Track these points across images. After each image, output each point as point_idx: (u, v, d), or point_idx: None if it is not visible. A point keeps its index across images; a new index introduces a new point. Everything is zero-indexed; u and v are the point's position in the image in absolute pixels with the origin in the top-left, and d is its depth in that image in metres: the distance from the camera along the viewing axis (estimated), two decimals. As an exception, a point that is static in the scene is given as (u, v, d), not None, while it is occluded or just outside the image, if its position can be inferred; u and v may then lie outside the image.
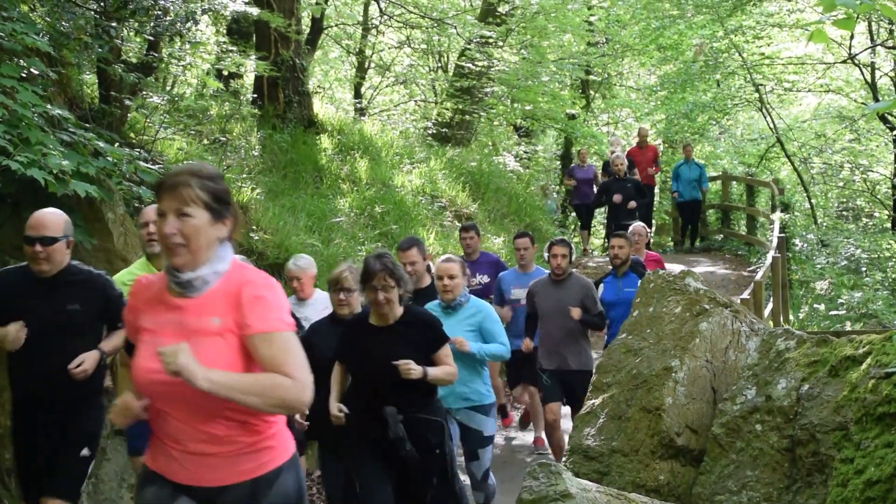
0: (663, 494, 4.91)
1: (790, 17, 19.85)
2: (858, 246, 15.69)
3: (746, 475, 4.66)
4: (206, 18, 11.93)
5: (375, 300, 4.77)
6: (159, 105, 10.08)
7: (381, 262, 4.76)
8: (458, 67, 18.54)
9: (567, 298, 7.25)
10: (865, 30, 18.91)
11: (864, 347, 4.52)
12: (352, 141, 14.12)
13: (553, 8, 18.26)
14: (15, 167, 5.42)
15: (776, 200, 15.45)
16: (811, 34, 3.70)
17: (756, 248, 15.91)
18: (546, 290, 7.35)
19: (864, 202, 22.07)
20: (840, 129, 21.64)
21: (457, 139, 18.34)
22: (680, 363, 5.28)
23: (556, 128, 21.50)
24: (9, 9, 6.28)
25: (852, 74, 21.28)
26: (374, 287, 4.75)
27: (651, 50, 21.72)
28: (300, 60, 13.76)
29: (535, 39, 18.93)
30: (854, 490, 3.86)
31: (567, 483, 3.77)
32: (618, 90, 25.14)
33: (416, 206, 12.67)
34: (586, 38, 20.53)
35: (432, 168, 14.64)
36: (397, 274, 4.80)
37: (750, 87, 19.80)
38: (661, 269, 7.16)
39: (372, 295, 4.77)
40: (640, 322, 5.79)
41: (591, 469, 5.18)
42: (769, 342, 5.11)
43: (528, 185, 17.91)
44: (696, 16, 19.90)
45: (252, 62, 12.61)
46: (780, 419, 4.68)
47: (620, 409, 5.35)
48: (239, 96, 14.09)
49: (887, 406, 3.92)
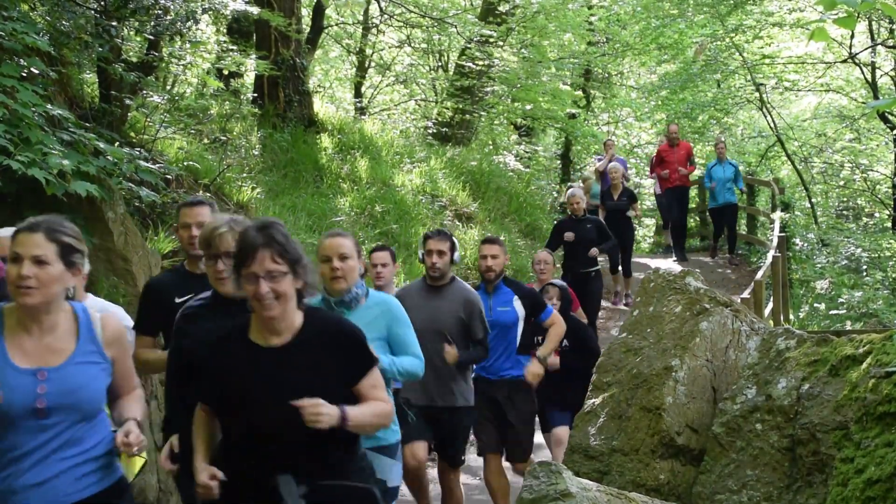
0: (663, 494, 4.91)
1: (790, 16, 19.84)
2: (859, 245, 15.68)
3: (747, 474, 4.66)
4: (206, 18, 11.93)
5: (256, 295, 3.01)
6: (160, 104, 10.08)
7: (266, 235, 3.05)
8: (459, 67, 18.54)
9: (442, 313, 5.58)
10: (866, 29, 18.90)
11: (864, 347, 4.52)
12: (352, 140, 14.13)
13: (553, 7, 18.26)
14: (15, 167, 5.42)
15: (776, 200, 15.44)
16: (812, 33, 3.70)
17: (756, 247, 15.90)
18: (417, 300, 5.53)
19: (865, 201, 22.07)
20: (840, 129, 21.64)
21: (457, 138, 18.34)
22: (680, 362, 5.28)
23: (557, 127, 21.50)
24: (9, 8, 6.28)
25: (853, 74, 21.27)
26: (255, 275, 3.01)
27: (651, 49, 21.71)
28: (300, 60, 13.77)
29: (536, 39, 18.94)
30: (854, 489, 3.86)
31: (567, 482, 3.77)
32: (618, 89, 25.14)
33: (416, 205, 12.67)
34: (586, 37, 20.53)
35: (432, 167, 14.64)
36: (292, 253, 3.08)
37: (750, 86, 19.79)
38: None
39: (251, 288, 3.02)
40: (640, 321, 5.78)
41: (592, 468, 5.18)
42: (769, 341, 5.11)
43: (528, 184, 17.89)
44: (697, 15, 19.89)
45: (252, 61, 12.62)
46: (781, 418, 4.68)
47: (621, 408, 5.35)
48: (239, 95, 14.10)
49: (887, 405, 3.92)
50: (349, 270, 4.26)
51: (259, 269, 3.01)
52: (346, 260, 4.25)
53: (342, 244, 4.29)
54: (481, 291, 6.06)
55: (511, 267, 12.32)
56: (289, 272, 3.06)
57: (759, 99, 19.79)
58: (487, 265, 6.06)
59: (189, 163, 9.56)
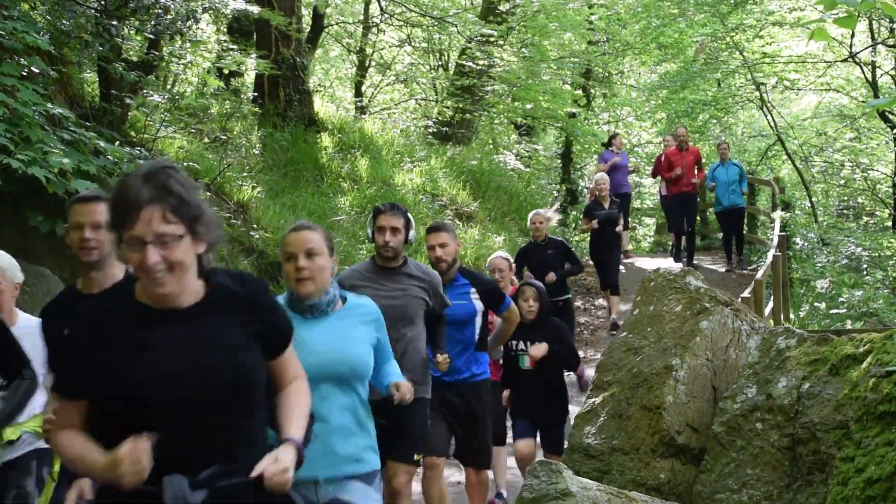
0: (664, 493, 4.92)
1: (791, 15, 19.84)
2: (859, 244, 15.68)
3: (747, 474, 4.66)
4: (206, 17, 11.94)
5: (143, 266, 2.27)
6: (160, 103, 10.08)
7: (155, 186, 2.27)
8: (459, 66, 18.54)
9: (406, 299, 4.92)
10: (866, 28, 18.90)
11: (864, 346, 4.52)
12: (352, 139, 14.13)
13: (554, 7, 18.26)
14: (16, 165, 5.43)
15: (777, 199, 15.43)
16: (812, 32, 3.70)
17: (757, 246, 15.90)
18: (370, 286, 4.79)
19: (865, 200, 22.07)
20: (841, 128, 21.63)
21: (457, 138, 18.34)
22: (680, 362, 5.28)
23: (557, 126, 21.50)
24: (10, 7, 6.28)
25: (853, 73, 21.28)
26: (139, 239, 2.26)
27: (652, 49, 21.71)
28: (301, 59, 13.77)
29: (536, 38, 18.94)
30: (854, 488, 3.86)
31: (567, 481, 3.78)
32: (618, 89, 25.15)
33: (416, 204, 12.66)
34: (587, 36, 20.54)
35: (433, 166, 14.64)
36: (191, 209, 2.32)
37: (751, 85, 19.80)
38: None
39: (136, 257, 2.27)
40: (640, 320, 5.78)
41: (592, 467, 5.18)
42: (770, 341, 5.12)
43: (528, 183, 17.90)
44: (697, 14, 19.89)
45: (252, 61, 12.63)
46: (781, 418, 4.68)
47: (621, 407, 5.35)
48: (239, 95, 14.10)
49: (888, 404, 3.92)
50: (318, 270, 3.53)
51: (145, 232, 2.23)
52: (313, 257, 3.53)
53: (309, 238, 3.56)
54: None
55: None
56: (186, 234, 2.28)
57: (759, 98, 19.80)
58: (437, 256, 5.41)
59: (189, 162, 9.56)
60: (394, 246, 4.86)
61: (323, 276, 3.56)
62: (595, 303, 13.62)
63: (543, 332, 6.10)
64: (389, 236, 4.86)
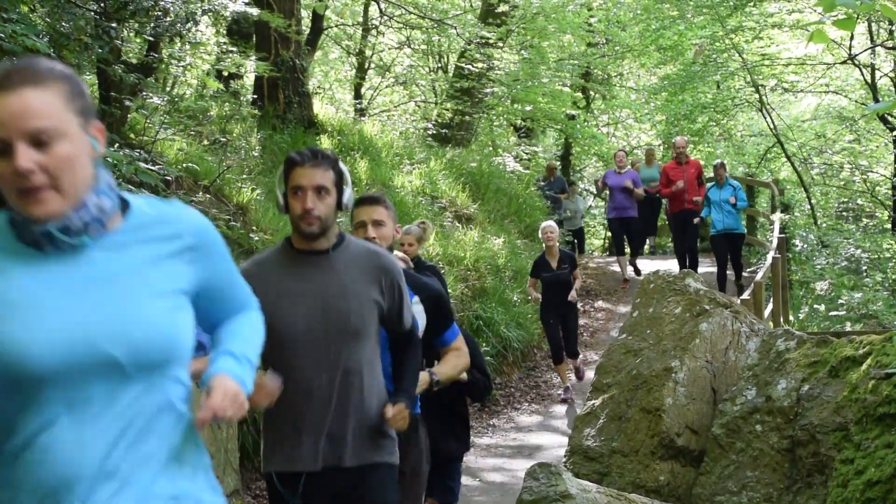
0: (663, 495, 4.91)
1: (790, 17, 19.87)
2: (858, 246, 15.68)
3: (746, 476, 4.66)
4: (206, 19, 11.94)
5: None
6: (159, 106, 10.08)
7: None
8: (458, 68, 18.56)
9: (342, 293, 3.10)
10: (865, 30, 18.92)
11: (864, 348, 4.52)
12: (352, 141, 14.13)
13: (553, 9, 18.28)
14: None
15: (776, 201, 15.44)
16: (811, 34, 3.70)
17: (756, 248, 15.91)
18: (284, 279, 3.14)
19: (865, 202, 22.09)
20: (840, 130, 21.65)
21: (457, 140, 18.36)
22: (680, 364, 5.28)
23: (556, 128, 21.53)
24: (9, 10, 6.28)
25: (852, 75, 21.31)
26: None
27: (651, 51, 21.74)
28: (300, 61, 13.77)
29: (536, 40, 18.96)
30: (854, 491, 3.85)
31: (567, 484, 3.77)
32: (618, 91, 25.19)
33: (416, 206, 12.66)
34: (586, 38, 20.57)
35: (432, 169, 14.64)
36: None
37: (750, 87, 19.82)
38: None
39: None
40: (640, 323, 5.78)
41: (592, 469, 5.18)
42: (769, 343, 5.12)
43: (527, 185, 17.90)
44: (696, 16, 19.91)
45: (252, 63, 12.63)
46: (781, 420, 4.68)
47: (620, 409, 5.35)
48: (239, 97, 14.11)
49: (887, 406, 3.92)
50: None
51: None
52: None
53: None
54: None
55: (510, 268, 12.32)
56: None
57: (758, 100, 19.82)
58: (368, 236, 3.62)
59: (189, 164, 9.56)
60: (320, 215, 3.02)
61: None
62: (594, 304, 13.63)
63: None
64: (312, 200, 3.01)
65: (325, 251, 3.11)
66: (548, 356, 11.39)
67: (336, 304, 3.05)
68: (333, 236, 3.14)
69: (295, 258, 3.13)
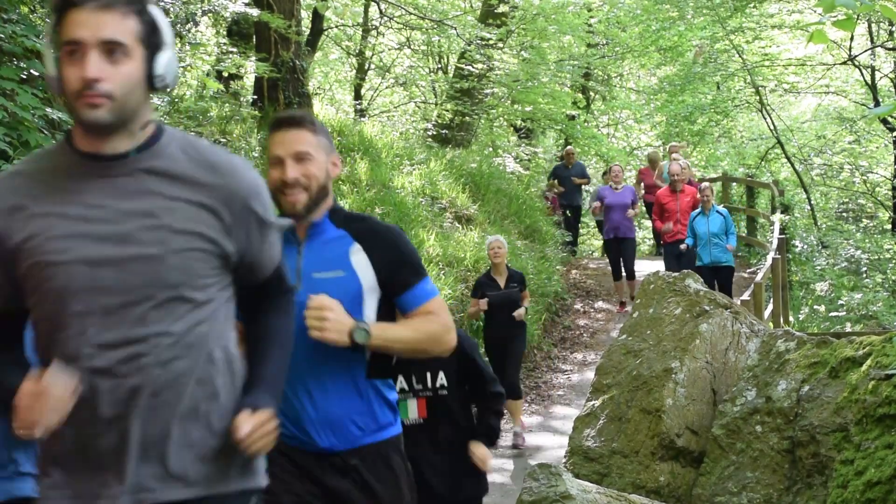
0: (663, 496, 4.91)
1: (790, 17, 19.89)
2: (858, 247, 15.69)
3: (746, 476, 4.66)
4: (205, 20, 11.95)
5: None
6: (159, 106, 10.09)
7: None
8: (458, 69, 18.57)
9: None
10: (865, 31, 18.93)
11: (864, 349, 4.52)
12: (352, 142, 14.13)
13: (553, 10, 18.29)
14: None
15: (776, 202, 15.44)
16: (811, 35, 3.70)
17: (756, 249, 15.91)
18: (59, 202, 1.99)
19: (865, 203, 22.10)
20: (840, 131, 21.67)
21: (457, 140, 18.36)
22: (680, 364, 5.28)
23: (556, 129, 21.54)
24: (9, 10, 6.28)
25: (852, 76, 21.33)
26: None
27: (651, 51, 21.76)
28: (300, 62, 13.77)
29: (536, 41, 18.97)
30: (854, 491, 3.85)
31: (567, 484, 3.77)
32: (618, 91, 25.20)
33: (416, 207, 12.66)
34: (586, 39, 20.58)
35: (432, 169, 14.64)
36: None
37: (750, 88, 19.83)
38: None
39: None
40: (640, 323, 5.79)
41: (592, 470, 5.18)
42: (769, 343, 5.12)
43: (528, 186, 17.91)
44: (696, 17, 19.93)
45: (252, 63, 12.63)
46: (781, 420, 4.68)
47: (620, 410, 5.35)
48: (239, 98, 14.11)
49: (887, 407, 3.92)
50: None
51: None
52: None
53: None
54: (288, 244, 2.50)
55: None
56: None
57: (758, 101, 19.83)
58: (287, 178, 2.59)
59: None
60: (111, 89, 1.84)
61: None
62: (594, 305, 13.63)
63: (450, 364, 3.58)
64: (96, 65, 1.83)
65: (124, 155, 1.94)
66: (548, 356, 11.38)
67: (137, 236, 1.91)
68: (139, 129, 1.95)
69: (80, 166, 1.93)
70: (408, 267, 2.65)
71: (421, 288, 2.64)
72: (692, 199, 11.14)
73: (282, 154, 2.58)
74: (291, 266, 2.52)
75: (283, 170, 2.56)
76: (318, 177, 2.60)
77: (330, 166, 2.68)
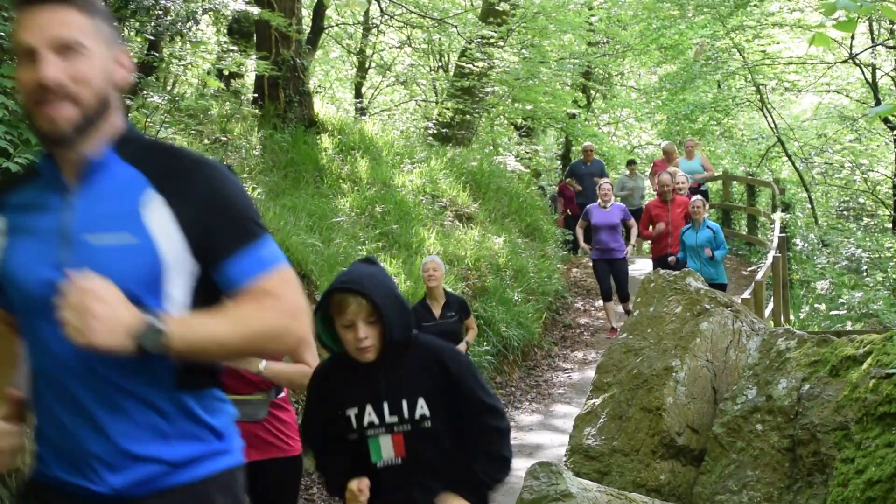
0: (664, 494, 4.92)
1: (791, 16, 19.88)
2: (859, 246, 15.70)
3: (747, 475, 4.66)
4: (206, 18, 11.94)
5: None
6: (160, 105, 10.09)
7: None
8: (459, 67, 18.56)
9: None
10: (866, 29, 18.93)
11: (864, 347, 4.52)
12: (352, 141, 14.14)
13: (554, 8, 18.29)
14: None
15: (777, 200, 15.45)
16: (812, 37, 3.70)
17: (757, 247, 15.92)
18: None
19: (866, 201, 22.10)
20: (841, 129, 21.67)
21: (457, 139, 18.36)
22: (681, 363, 5.28)
23: (557, 127, 21.54)
24: (9, 9, 6.29)
25: (853, 74, 21.32)
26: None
27: (652, 50, 21.76)
28: (301, 60, 13.78)
29: (536, 39, 18.97)
30: (855, 490, 3.86)
31: (568, 483, 3.78)
32: (619, 90, 25.21)
33: (416, 205, 12.67)
34: (587, 37, 20.58)
35: (433, 168, 14.64)
36: None
37: (751, 86, 19.83)
38: None
39: None
40: (640, 322, 5.79)
41: (592, 469, 5.19)
42: (770, 342, 5.12)
43: (528, 184, 17.91)
44: (697, 15, 19.93)
45: (253, 62, 12.62)
46: (781, 419, 4.68)
47: (621, 408, 5.35)
48: (240, 96, 14.11)
49: (888, 406, 3.92)
50: None
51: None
52: None
53: None
54: None
55: (511, 267, 12.33)
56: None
57: (759, 99, 19.82)
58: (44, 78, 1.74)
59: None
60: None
61: None
62: (595, 304, 13.63)
63: None
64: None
65: None
66: (548, 355, 11.38)
67: None
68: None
69: None
70: (232, 224, 1.75)
71: (253, 255, 1.76)
72: (683, 209, 10.49)
73: (34, 43, 1.70)
74: (53, 226, 1.75)
75: (38, 67, 1.70)
76: (94, 80, 1.73)
77: (114, 66, 1.79)
